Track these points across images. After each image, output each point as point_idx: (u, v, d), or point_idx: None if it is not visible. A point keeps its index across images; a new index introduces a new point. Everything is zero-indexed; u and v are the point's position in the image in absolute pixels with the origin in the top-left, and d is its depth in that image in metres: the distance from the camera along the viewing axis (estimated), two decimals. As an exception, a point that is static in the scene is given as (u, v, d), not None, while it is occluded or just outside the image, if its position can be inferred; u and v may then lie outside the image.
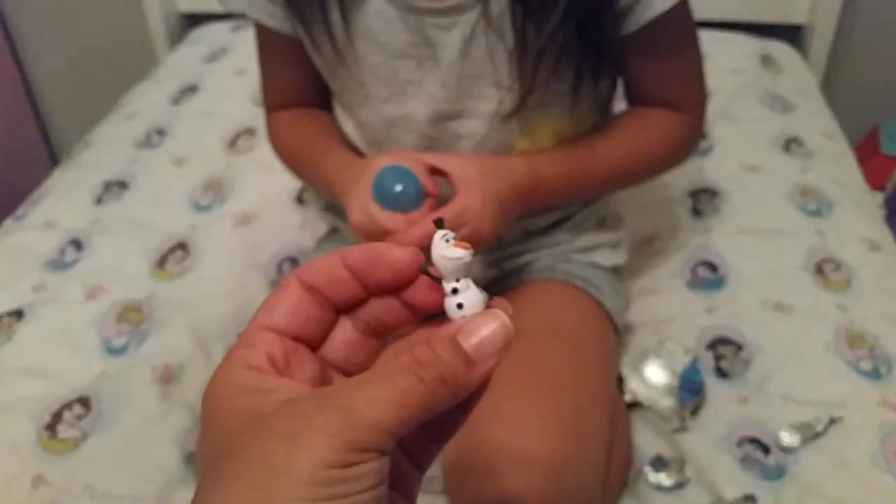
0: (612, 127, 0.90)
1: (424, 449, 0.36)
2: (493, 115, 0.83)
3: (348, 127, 0.93)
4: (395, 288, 0.34)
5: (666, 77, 0.88)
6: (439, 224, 0.33)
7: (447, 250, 0.32)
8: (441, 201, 0.77)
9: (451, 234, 0.32)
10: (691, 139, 0.93)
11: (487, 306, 0.33)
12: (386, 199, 0.75)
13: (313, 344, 0.36)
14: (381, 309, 0.35)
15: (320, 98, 0.96)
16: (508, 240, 0.93)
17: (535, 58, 0.78)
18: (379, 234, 0.75)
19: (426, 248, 0.36)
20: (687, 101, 0.90)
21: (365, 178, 0.77)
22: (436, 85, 0.83)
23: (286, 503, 0.27)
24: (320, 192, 1.00)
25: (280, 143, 0.98)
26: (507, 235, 0.92)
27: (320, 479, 0.28)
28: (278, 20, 0.87)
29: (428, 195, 0.76)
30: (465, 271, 0.32)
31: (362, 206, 0.77)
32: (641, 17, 0.79)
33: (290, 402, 0.30)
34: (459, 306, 0.32)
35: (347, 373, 0.37)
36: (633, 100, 0.92)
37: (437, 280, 0.33)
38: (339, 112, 0.95)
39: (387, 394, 0.29)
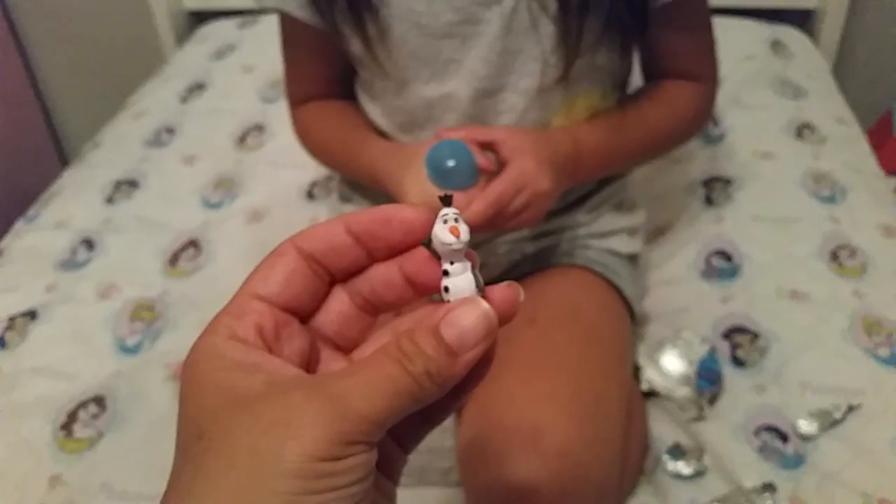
0: (640, 98, 0.92)
1: (413, 432, 0.35)
2: (533, 89, 0.84)
3: (375, 114, 0.93)
4: (403, 251, 0.34)
5: (689, 48, 0.91)
6: (446, 202, 0.32)
7: (441, 232, 0.31)
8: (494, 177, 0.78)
9: (453, 216, 0.32)
10: (710, 108, 0.97)
11: (484, 293, 0.32)
12: (439, 174, 0.74)
13: (304, 315, 0.34)
14: (382, 284, 0.34)
15: (344, 89, 0.97)
16: None
17: (579, 26, 0.79)
18: None
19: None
20: (706, 71, 0.93)
21: (418, 161, 0.76)
22: (478, 61, 0.83)
23: (273, 496, 0.27)
24: (361, 181, 0.97)
25: (310, 136, 0.98)
26: None
27: (309, 472, 0.27)
28: (309, 12, 0.87)
29: (482, 171, 0.76)
30: (457, 257, 0.32)
31: (420, 186, 0.76)
32: None
33: (277, 388, 0.29)
34: (446, 289, 0.32)
35: (338, 346, 0.36)
36: (654, 72, 0.95)
37: (438, 257, 0.32)
38: (364, 100, 0.94)
39: (377, 385, 0.29)
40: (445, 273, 0.32)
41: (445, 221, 0.31)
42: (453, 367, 0.30)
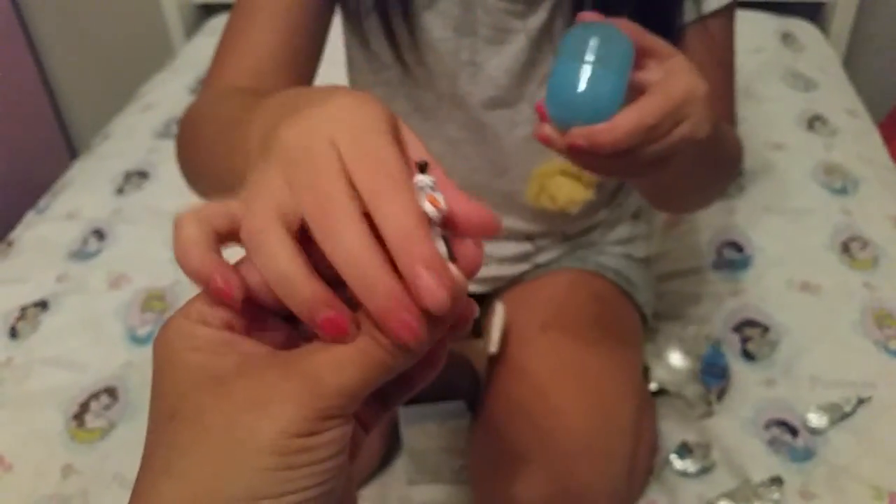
0: None
1: (374, 412, 0.35)
2: None
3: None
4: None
5: (714, 83, 0.72)
6: (422, 167, 0.31)
7: (420, 201, 0.30)
8: None
9: (429, 183, 0.30)
10: (742, 154, 0.80)
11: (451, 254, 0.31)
12: (568, 94, 0.48)
13: (284, 313, 0.33)
14: None
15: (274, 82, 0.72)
16: (543, 245, 0.91)
17: None
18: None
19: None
20: (729, 118, 0.80)
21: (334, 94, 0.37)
22: (499, 70, 0.77)
23: (252, 473, 0.27)
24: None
25: (208, 111, 0.62)
26: (541, 241, 0.91)
27: (286, 448, 0.28)
28: None
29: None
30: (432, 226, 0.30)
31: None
32: (703, 7, 0.73)
33: (251, 367, 0.29)
34: None
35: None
36: None
37: None
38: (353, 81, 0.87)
39: (350, 358, 0.29)
40: None
41: (421, 189, 0.30)
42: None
